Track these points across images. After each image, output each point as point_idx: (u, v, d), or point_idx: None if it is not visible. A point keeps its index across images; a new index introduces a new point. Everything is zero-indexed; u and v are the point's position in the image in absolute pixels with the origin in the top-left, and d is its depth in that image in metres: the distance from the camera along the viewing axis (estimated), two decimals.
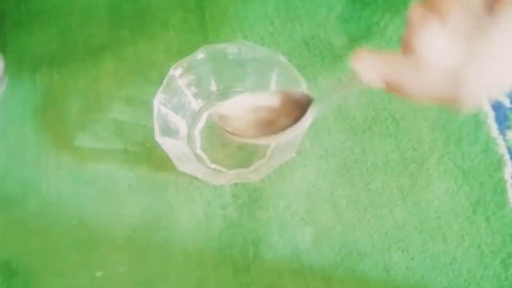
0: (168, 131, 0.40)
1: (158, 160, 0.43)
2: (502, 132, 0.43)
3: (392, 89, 0.28)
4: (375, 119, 0.44)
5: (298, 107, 0.35)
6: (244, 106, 0.36)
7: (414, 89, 0.27)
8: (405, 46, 0.27)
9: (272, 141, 0.38)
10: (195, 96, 0.43)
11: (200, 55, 0.40)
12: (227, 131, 0.35)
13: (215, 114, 0.39)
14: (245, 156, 0.43)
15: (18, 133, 0.44)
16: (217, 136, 0.44)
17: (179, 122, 0.42)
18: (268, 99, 0.36)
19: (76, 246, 0.41)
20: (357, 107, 0.44)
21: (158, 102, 0.39)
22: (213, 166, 0.43)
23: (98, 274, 0.41)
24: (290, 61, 0.40)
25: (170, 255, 0.41)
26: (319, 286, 0.40)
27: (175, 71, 0.40)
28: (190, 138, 0.43)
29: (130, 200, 0.42)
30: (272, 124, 0.36)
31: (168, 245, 0.41)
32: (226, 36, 0.47)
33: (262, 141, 0.36)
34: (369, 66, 0.28)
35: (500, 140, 0.43)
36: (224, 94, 0.44)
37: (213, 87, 0.43)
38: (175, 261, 0.41)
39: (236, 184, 0.43)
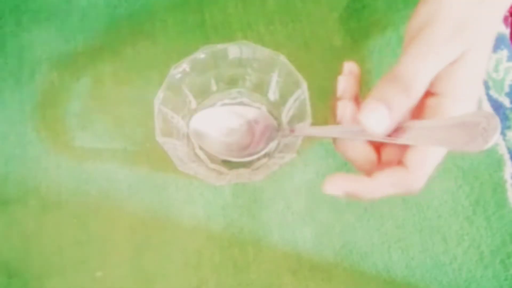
0: (168, 131, 0.40)
1: (158, 160, 0.43)
2: (502, 132, 0.44)
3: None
4: None
5: (269, 131, 0.40)
6: (218, 126, 0.41)
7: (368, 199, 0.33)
8: None
9: (244, 160, 0.41)
10: (196, 96, 0.43)
11: (200, 55, 0.40)
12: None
13: (191, 129, 0.41)
14: (244, 153, 0.43)
15: (18, 133, 0.44)
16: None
17: (179, 122, 0.42)
18: (239, 118, 0.41)
19: (76, 246, 0.41)
20: None
21: (159, 102, 0.39)
22: (212, 166, 0.43)
23: (98, 274, 0.41)
24: (290, 61, 0.40)
25: (170, 255, 0.41)
26: (319, 286, 0.40)
27: (175, 71, 0.40)
28: (190, 138, 0.43)
29: (130, 200, 0.42)
30: (244, 148, 0.41)
31: (168, 245, 0.41)
32: (226, 36, 0.47)
33: (233, 159, 0.41)
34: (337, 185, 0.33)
35: (500, 140, 0.43)
36: (223, 94, 0.44)
37: (214, 87, 0.43)
38: (175, 261, 0.41)
39: (236, 184, 0.43)
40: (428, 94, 0.32)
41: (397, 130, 0.31)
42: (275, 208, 0.42)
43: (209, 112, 0.42)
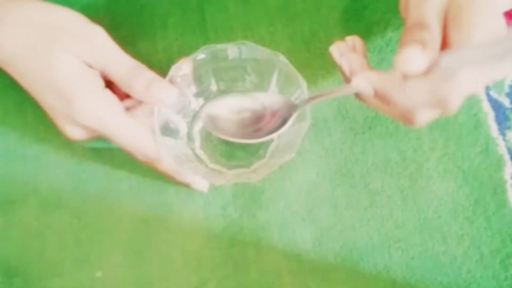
0: (168, 130, 0.40)
1: None
2: (502, 132, 0.44)
3: (377, 99, 0.34)
4: (375, 119, 0.44)
5: (285, 109, 0.38)
6: (230, 107, 0.40)
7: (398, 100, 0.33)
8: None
9: (256, 141, 0.40)
10: (196, 96, 0.43)
11: (200, 55, 0.40)
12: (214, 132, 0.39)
13: (204, 116, 0.40)
14: (245, 156, 0.43)
15: (18, 132, 0.44)
16: (216, 136, 0.44)
17: (179, 122, 0.42)
18: (254, 101, 0.39)
19: (76, 246, 0.41)
20: (357, 107, 0.44)
21: None
22: (212, 166, 0.42)
23: (98, 274, 0.41)
24: (290, 61, 0.40)
25: (170, 255, 0.41)
26: (319, 286, 0.40)
27: (175, 71, 0.40)
28: (190, 138, 0.43)
29: (130, 200, 0.42)
30: (257, 125, 0.39)
31: (168, 245, 0.41)
32: (227, 36, 0.47)
33: (246, 141, 0.39)
34: (361, 73, 0.34)
35: (500, 140, 0.43)
36: (224, 94, 0.44)
37: (214, 87, 0.43)
38: (175, 261, 0.41)
39: (236, 184, 0.43)
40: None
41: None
42: (275, 208, 0.42)
43: (223, 100, 0.41)
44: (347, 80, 0.36)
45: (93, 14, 0.48)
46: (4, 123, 0.45)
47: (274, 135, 0.38)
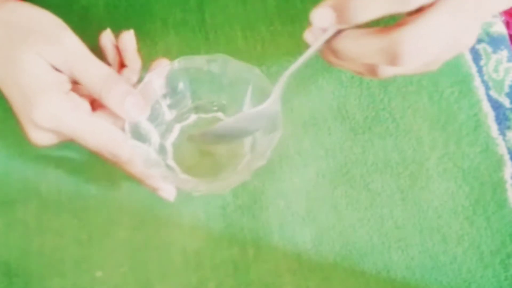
0: (138, 134, 0.39)
1: None
2: (502, 132, 0.44)
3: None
4: (375, 119, 0.44)
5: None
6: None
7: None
8: None
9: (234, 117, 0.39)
10: (170, 107, 0.42)
11: (176, 66, 0.39)
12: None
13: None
14: (217, 169, 0.42)
15: (18, 133, 0.44)
16: (189, 149, 0.43)
17: (151, 131, 0.41)
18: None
19: (76, 246, 0.41)
20: (357, 107, 0.44)
21: None
22: (183, 176, 0.42)
23: (98, 274, 0.41)
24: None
25: (170, 255, 0.41)
26: (319, 286, 0.40)
27: (151, 79, 0.39)
28: (162, 149, 0.42)
29: (130, 200, 0.42)
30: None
31: (168, 245, 0.41)
32: (226, 36, 0.47)
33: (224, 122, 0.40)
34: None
35: (500, 140, 0.43)
36: (198, 107, 0.43)
37: (188, 100, 0.42)
38: (175, 261, 0.41)
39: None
40: None
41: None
42: (275, 208, 0.42)
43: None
44: (327, 57, 0.34)
45: (93, 14, 0.48)
46: (4, 123, 0.45)
47: (249, 111, 0.38)
